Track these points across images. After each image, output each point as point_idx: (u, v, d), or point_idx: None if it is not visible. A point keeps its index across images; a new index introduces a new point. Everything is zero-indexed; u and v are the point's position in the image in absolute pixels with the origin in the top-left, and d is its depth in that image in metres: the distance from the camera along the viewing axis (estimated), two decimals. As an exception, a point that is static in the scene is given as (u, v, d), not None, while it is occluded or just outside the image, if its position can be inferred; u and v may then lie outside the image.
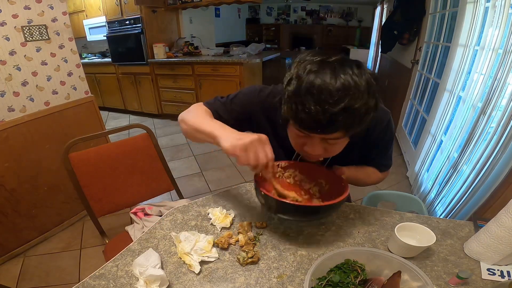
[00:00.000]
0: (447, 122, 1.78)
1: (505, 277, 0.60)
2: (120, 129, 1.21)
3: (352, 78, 0.52)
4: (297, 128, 0.59)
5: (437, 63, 2.18)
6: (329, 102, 0.51)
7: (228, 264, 0.66)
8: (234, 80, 3.19)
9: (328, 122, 0.52)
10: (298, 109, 0.54)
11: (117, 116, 4.37)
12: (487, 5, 1.47)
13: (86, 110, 1.91)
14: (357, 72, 0.53)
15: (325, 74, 0.52)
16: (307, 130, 0.57)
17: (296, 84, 0.55)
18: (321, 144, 0.62)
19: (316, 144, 0.62)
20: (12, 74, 1.51)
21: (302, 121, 0.55)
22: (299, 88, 0.53)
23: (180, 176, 2.46)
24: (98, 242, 1.73)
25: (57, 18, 1.66)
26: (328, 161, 0.80)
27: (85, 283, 0.62)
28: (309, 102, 0.52)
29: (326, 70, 0.53)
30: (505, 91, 1.19)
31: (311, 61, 0.55)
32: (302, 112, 0.53)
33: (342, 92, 0.51)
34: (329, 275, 0.56)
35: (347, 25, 7.46)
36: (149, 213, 1.13)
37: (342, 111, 0.51)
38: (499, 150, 1.16)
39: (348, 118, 0.52)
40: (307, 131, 0.58)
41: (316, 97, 0.51)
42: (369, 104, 0.53)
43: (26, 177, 1.63)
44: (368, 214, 0.82)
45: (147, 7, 3.42)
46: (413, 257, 0.65)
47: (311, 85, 0.52)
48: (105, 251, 1.07)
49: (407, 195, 1.23)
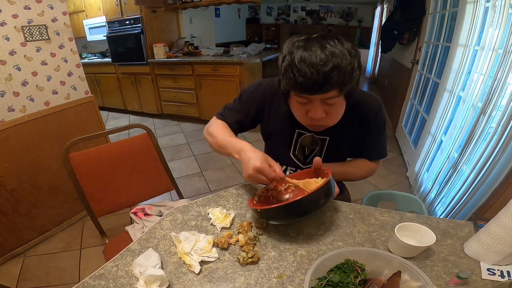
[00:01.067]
0: (447, 122, 1.78)
1: (505, 277, 0.60)
2: (120, 129, 1.21)
3: (335, 47, 0.62)
4: (298, 95, 0.68)
5: (437, 63, 2.18)
6: (320, 64, 0.61)
7: (228, 264, 0.66)
8: (234, 80, 3.19)
9: (323, 80, 0.61)
10: (296, 76, 0.63)
11: (117, 116, 4.37)
12: (487, 5, 1.47)
13: (86, 110, 1.91)
14: (338, 43, 0.63)
15: (313, 46, 0.62)
16: (307, 93, 0.65)
17: (289, 58, 0.64)
18: (322, 107, 0.69)
19: (317, 107, 0.69)
20: (12, 74, 1.51)
21: (301, 86, 0.64)
22: (293, 60, 0.63)
23: (180, 176, 2.46)
24: (98, 242, 1.73)
25: (57, 18, 1.66)
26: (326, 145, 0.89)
27: (85, 283, 0.62)
28: (303, 69, 0.61)
29: (313, 43, 0.63)
30: (505, 91, 1.19)
31: (298, 40, 0.66)
32: (300, 77, 0.62)
33: (330, 56, 0.61)
34: (329, 275, 0.56)
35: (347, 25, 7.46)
36: (149, 213, 1.13)
37: (333, 69, 0.61)
38: (499, 150, 1.16)
39: (339, 75, 0.62)
40: (307, 93, 0.66)
41: (308, 63, 0.61)
42: (353, 63, 0.63)
43: (26, 177, 1.63)
44: (368, 214, 0.82)
45: (147, 7, 3.42)
46: (413, 257, 0.65)
47: (303, 55, 0.62)
48: (105, 251, 1.07)
49: (407, 195, 1.23)
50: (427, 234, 0.65)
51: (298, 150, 0.93)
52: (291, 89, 0.68)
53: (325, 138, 0.89)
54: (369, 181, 2.33)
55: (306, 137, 0.90)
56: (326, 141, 0.89)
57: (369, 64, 6.39)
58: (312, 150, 0.92)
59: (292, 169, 0.98)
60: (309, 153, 0.93)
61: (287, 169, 0.98)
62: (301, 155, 0.94)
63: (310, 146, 0.92)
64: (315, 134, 0.88)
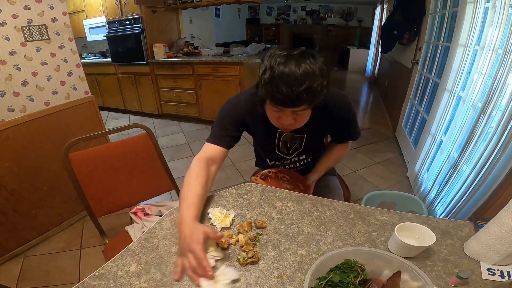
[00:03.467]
0: (447, 122, 1.78)
1: (505, 277, 0.60)
2: (120, 129, 1.21)
3: (310, 66, 0.70)
4: (273, 105, 0.77)
5: (437, 63, 2.18)
6: (296, 84, 0.69)
7: (228, 264, 0.66)
8: (234, 80, 3.19)
9: (296, 99, 0.71)
10: (273, 91, 0.71)
11: (117, 116, 4.36)
12: (487, 5, 1.47)
13: (86, 110, 1.91)
14: (313, 61, 0.71)
15: (291, 64, 0.70)
16: (281, 106, 0.75)
17: (270, 73, 0.72)
18: (292, 116, 0.80)
19: (288, 115, 0.80)
20: (12, 74, 1.50)
21: (277, 100, 0.73)
22: (273, 76, 0.71)
23: (180, 176, 2.42)
24: (98, 242, 1.73)
25: (57, 18, 1.66)
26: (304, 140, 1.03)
27: (85, 283, 0.62)
28: (281, 86, 0.70)
29: (292, 61, 0.70)
30: (505, 91, 1.19)
31: (279, 55, 0.72)
32: (276, 93, 0.71)
33: (304, 77, 0.69)
34: (329, 275, 0.56)
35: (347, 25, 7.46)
36: (149, 213, 1.13)
37: (305, 90, 0.70)
38: (499, 150, 1.16)
39: (309, 95, 0.71)
40: (281, 106, 0.75)
41: (285, 82, 0.69)
42: (323, 83, 0.72)
43: (26, 177, 1.63)
44: (368, 214, 0.82)
45: (147, 7, 3.42)
46: (413, 257, 0.65)
47: (282, 73, 0.70)
48: (105, 251, 1.07)
49: (407, 195, 1.23)
50: (427, 234, 0.65)
51: (281, 146, 1.07)
52: (267, 99, 0.77)
53: (302, 135, 1.03)
54: (369, 181, 2.33)
55: (286, 135, 1.03)
56: (304, 137, 1.03)
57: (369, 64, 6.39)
58: (293, 144, 1.06)
59: (279, 161, 1.13)
60: (291, 147, 1.07)
61: (275, 162, 1.14)
62: (285, 149, 1.08)
63: (291, 141, 1.05)
64: (294, 133, 1.01)
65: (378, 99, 4.81)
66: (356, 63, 7.17)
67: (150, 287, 0.61)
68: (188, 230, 0.66)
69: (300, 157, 1.11)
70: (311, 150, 1.11)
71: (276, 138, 1.03)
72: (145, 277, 0.63)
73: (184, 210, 0.72)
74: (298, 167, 1.15)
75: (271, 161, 1.14)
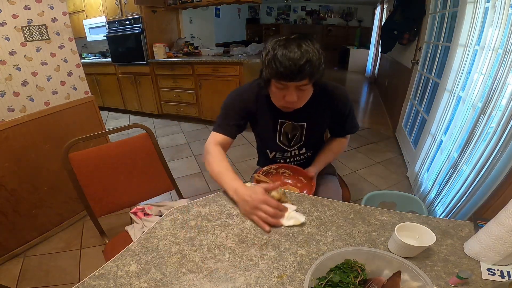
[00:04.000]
0: (447, 122, 1.78)
1: (505, 277, 0.60)
2: (120, 129, 1.21)
3: (308, 46, 0.79)
4: (278, 82, 0.83)
5: (437, 63, 2.18)
6: (297, 58, 0.77)
7: (228, 264, 0.66)
8: (234, 80, 3.19)
9: (298, 72, 0.78)
10: (278, 67, 0.79)
11: (117, 116, 4.37)
12: (487, 5, 1.47)
13: (86, 110, 1.91)
14: (310, 43, 0.80)
15: (291, 45, 0.78)
16: (285, 80, 0.81)
17: (272, 53, 0.80)
18: (295, 92, 0.85)
19: (292, 92, 0.85)
20: (12, 74, 1.50)
21: (281, 75, 0.80)
22: (275, 54, 0.79)
23: (180, 176, 2.46)
24: (98, 242, 1.73)
25: (57, 18, 1.66)
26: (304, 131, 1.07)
27: (85, 283, 0.62)
28: (284, 61, 0.77)
29: (291, 42, 0.79)
30: (505, 91, 1.19)
31: (279, 39, 0.81)
32: (280, 68, 0.78)
33: (304, 53, 0.77)
34: (329, 275, 0.56)
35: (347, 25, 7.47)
36: (149, 213, 1.13)
37: (306, 63, 0.77)
38: (499, 150, 1.16)
39: (310, 68, 0.79)
40: (285, 81, 0.82)
41: (288, 57, 0.77)
42: (321, 59, 0.80)
43: (26, 177, 1.63)
44: (368, 214, 0.82)
45: (147, 7, 3.42)
46: (413, 257, 0.65)
47: (284, 51, 0.78)
48: (105, 251, 1.07)
49: (407, 195, 1.23)
50: (427, 234, 0.65)
51: (282, 137, 1.10)
52: (272, 77, 0.83)
53: (303, 124, 1.06)
54: (369, 181, 2.33)
55: (287, 125, 1.06)
56: (304, 126, 1.07)
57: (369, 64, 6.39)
58: (294, 135, 1.09)
59: (280, 153, 1.15)
60: (291, 138, 1.10)
61: (276, 154, 1.16)
62: (286, 140, 1.11)
63: (292, 132, 1.08)
64: (295, 122, 1.05)
65: (378, 99, 4.81)
66: (356, 63, 7.16)
67: (150, 287, 0.61)
68: (248, 191, 0.81)
69: (300, 151, 1.14)
70: (311, 143, 1.14)
71: (277, 128, 1.07)
72: (145, 277, 0.63)
73: (231, 181, 0.86)
74: (298, 161, 1.17)
75: (272, 152, 1.16)
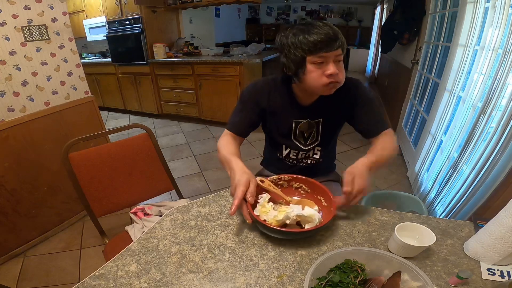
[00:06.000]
0: (447, 122, 1.78)
1: (505, 277, 0.60)
2: (120, 129, 1.21)
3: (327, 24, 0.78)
4: (316, 56, 0.78)
5: (437, 63, 2.18)
6: (329, 28, 0.77)
7: (228, 264, 0.66)
8: (234, 80, 3.19)
9: (335, 37, 0.77)
10: (314, 39, 0.76)
11: (117, 116, 4.37)
12: (487, 5, 1.47)
13: (86, 110, 1.91)
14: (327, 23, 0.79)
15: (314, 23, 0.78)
16: (326, 50, 0.77)
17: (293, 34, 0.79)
18: (335, 65, 0.80)
19: (332, 64, 0.80)
20: (12, 74, 1.51)
21: (321, 44, 0.76)
22: (303, 33, 0.77)
23: (180, 176, 2.46)
24: (98, 242, 1.73)
25: (57, 18, 1.66)
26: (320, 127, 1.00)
27: (85, 283, 0.62)
28: (318, 31, 0.76)
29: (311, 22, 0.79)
30: (505, 91, 1.19)
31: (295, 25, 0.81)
32: (315, 35, 0.76)
33: (330, 26, 0.77)
34: (329, 275, 0.56)
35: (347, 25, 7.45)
36: (149, 213, 1.13)
37: (337, 32, 0.77)
38: (499, 150, 1.16)
39: (341, 37, 0.78)
40: (325, 51, 0.77)
41: (318, 28, 0.76)
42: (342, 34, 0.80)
43: (26, 177, 1.63)
44: (368, 214, 0.82)
45: (147, 7, 3.42)
46: (413, 257, 0.65)
47: (312, 28, 0.77)
48: (105, 251, 1.07)
49: (407, 195, 1.23)
50: (427, 234, 0.65)
51: (298, 135, 1.03)
52: (309, 53, 0.78)
53: (319, 120, 0.99)
54: (369, 181, 2.33)
55: (303, 123, 1.00)
56: (320, 122, 1.00)
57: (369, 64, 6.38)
58: (310, 133, 1.03)
59: (294, 152, 1.07)
60: (307, 136, 1.04)
61: (290, 152, 1.08)
62: (302, 139, 1.04)
63: (307, 130, 1.02)
64: (311, 119, 0.99)
65: (378, 99, 4.82)
66: (356, 63, 7.16)
67: (150, 287, 0.61)
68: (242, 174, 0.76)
69: (314, 151, 1.06)
70: (327, 142, 1.05)
71: (292, 127, 1.01)
72: (145, 277, 0.63)
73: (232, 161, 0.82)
74: (308, 164, 1.09)
75: (286, 149, 1.07)
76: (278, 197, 0.82)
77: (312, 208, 0.78)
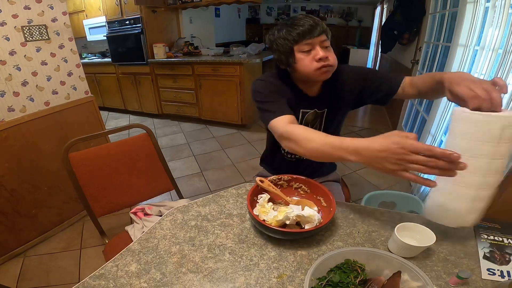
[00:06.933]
0: (447, 122, 1.78)
1: (505, 277, 0.60)
2: (120, 129, 1.21)
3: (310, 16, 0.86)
4: (302, 43, 0.84)
5: (437, 63, 2.18)
6: (310, 17, 0.84)
7: (228, 264, 0.66)
8: (234, 80, 3.19)
9: (316, 24, 0.83)
10: (296, 29, 0.83)
11: (117, 116, 4.37)
12: (487, 5, 1.47)
13: (86, 110, 1.91)
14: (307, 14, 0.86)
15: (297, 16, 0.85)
16: (310, 37, 0.83)
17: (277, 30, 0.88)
18: (323, 50, 0.85)
19: (319, 49, 0.84)
20: (12, 74, 1.51)
21: (304, 33, 0.83)
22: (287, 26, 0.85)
23: (180, 176, 2.46)
24: (98, 242, 1.73)
25: (57, 18, 1.66)
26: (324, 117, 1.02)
27: (85, 283, 0.62)
28: (301, 22, 0.83)
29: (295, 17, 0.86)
30: (505, 91, 1.19)
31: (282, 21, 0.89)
32: (301, 27, 0.83)
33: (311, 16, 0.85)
34: (329, 275, 0.56)
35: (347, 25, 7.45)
36: (149, 213, 1.13)
37: (318, 21, 0.84)
38: (499, 150, 1.16)
39: (323, 24, 0.84)
40: (310, 38, 0.83)
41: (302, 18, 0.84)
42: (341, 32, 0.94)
43: (26, 177, 1.63)
44: (368, 214, 0.82)
45: (147, 7, 3.42)
46: (413, 257, 0.65)
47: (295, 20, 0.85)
48: (105, 251, 1.07)
49: (407, 195, 1.23)
50: (427, 234, 0.65)
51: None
52: (295, 42, 0.85)
53: (323, 110, 1.02)
54: (369, 181, 2.33)
55: (310, 114, 1.02)
56: (324, 114, 1.03)
57: (369, 64, 6.39)
58: (313, 124, 1.05)
59: None
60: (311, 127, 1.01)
61: None
62: None
63: (312, 121, 1.03)
64: (318, 110, 1.01)
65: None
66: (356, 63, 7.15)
67: (150, 287, 0.61)
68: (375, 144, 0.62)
69: None
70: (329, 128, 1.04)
71: (299, 117, 1.01)
72: (145, 277, 0.63)
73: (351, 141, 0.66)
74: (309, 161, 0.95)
75: None
76: (278, 197, 0.82)
77: (312, 208, 0.78)
